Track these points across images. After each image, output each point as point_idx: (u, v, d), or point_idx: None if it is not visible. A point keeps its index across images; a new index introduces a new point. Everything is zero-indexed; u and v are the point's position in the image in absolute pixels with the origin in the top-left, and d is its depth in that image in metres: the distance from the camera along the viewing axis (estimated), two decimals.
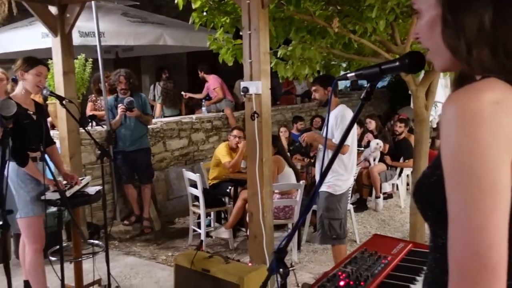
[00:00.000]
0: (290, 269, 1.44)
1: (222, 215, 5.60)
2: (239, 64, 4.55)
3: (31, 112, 3.15)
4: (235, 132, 5.46)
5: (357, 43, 4.26)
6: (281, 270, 1.43)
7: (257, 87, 3.33)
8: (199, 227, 4.96)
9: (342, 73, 5.11)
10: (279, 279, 1.43)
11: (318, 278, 1.63)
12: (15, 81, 3.34)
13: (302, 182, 4.57)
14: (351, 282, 1.57)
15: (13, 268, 2.70)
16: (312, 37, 4.10)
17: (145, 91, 7.78)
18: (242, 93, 3.42)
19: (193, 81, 9.88)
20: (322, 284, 1.57)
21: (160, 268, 4.26)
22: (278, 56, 4.23)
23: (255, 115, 3.36)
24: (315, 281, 1.61)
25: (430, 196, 0.89)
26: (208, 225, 5.16)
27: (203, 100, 7.31)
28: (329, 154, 3.62)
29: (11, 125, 2.13)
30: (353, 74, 1.20)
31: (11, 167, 3.00)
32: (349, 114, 3.63)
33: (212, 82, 7.16)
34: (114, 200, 5.35)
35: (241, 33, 4.38)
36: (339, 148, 1.41)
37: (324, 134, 3.64)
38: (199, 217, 5.06)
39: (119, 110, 5.12)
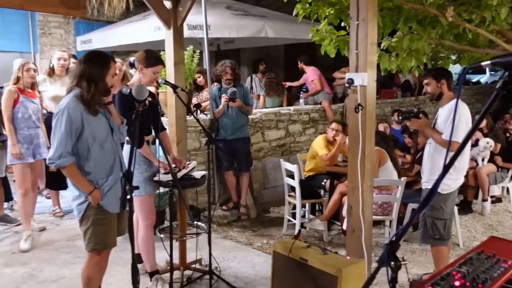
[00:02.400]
0: (402, 263, 1.40)
1: (317, 207, 5.60)
2: (337, 57, 4.49)
3: (149, 99, 3.41)
4: (333, 125, 5.41)
5: (471, 33, 3.98)
6: (392, 263, 1.40)
7: (363, 78, 3.25)
8: (294, 217, 5.01)
9: (451, 66, 4.81)
10: (389, 272, 1.41)
11: (431, 275, 1.57)
12: (132, 65, 3.62)
13: (403, 178, 4.40)
14: (467, 283, 1.50)
15: (126, 241, 2.93)
16: (421, 27, 3.91)
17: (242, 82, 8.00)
18: (346, 85, 3.36)
19: (289, 74, 9.94)
20: (435, 282, 1.52)
21: (255, 254, 4.38)
22: (382, 47, 4.10)
23: (359, 107, 3.29)
24: (428, 278, 1.55)
25: None
26: (303, 216, 5.19)
27: (301, 92, 7.33)
28: (437, 148, 3.43)
29: (141, 108, 2.33)
30: (488, 62, 1.13)
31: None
32: (464, 109, 3.38)
33: (311, 74, 7.15)
34: (214, 186, 5.60)
35: (343, 24, 4.32)
36: (462, 148, 1.33)
37: (439, 129, 3.43)
38: (294, 208, 5.11)
39: (223, 100, 5.33)
